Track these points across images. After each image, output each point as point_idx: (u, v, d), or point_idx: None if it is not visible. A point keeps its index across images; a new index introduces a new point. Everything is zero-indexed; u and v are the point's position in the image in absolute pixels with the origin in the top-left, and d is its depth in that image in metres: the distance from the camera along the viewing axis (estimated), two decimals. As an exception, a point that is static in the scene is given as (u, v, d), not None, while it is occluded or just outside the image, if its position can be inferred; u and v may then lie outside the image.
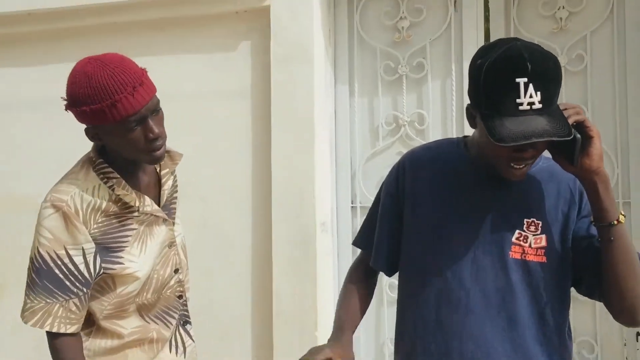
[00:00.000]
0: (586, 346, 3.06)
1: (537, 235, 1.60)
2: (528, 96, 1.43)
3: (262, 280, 3.36)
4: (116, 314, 1.83)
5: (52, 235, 1.68)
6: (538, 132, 1.42)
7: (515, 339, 1.60)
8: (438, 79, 3.31)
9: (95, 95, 1.63)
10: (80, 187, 1.73)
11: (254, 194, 3.40)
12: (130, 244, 1.78)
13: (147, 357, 1.89)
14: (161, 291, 1.91)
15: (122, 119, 1.64)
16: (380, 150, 3.39)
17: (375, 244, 1.79)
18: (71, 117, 3.77)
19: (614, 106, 3.08)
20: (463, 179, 1.67)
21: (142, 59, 3.50)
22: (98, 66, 1.67)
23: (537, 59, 1.45)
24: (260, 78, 3.37)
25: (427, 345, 1.65)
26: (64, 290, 1.70)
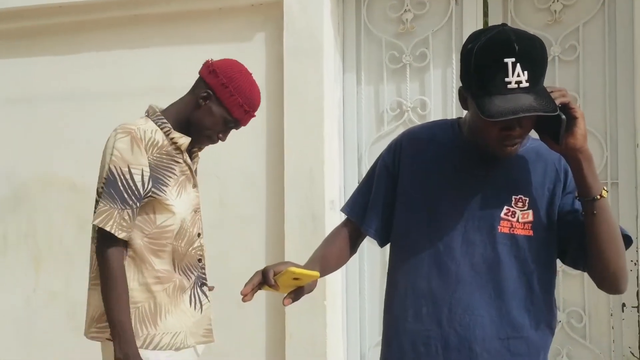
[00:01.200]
0: (575, 316, 3.08)
1: (524, 210, 1.61)
2: (516, 75, 1.43)
3: (275, 254, 3.38)
4: (153, 249, 2.01)
5: (120, 154, 1.94)
6: (525, 107, 1.42)
7: (501, 306, 1.60)
8: (439, 67, 3.32)
9: (245, 94, 2.06)
10: (142, 126, 2.01)
11: (268, 174, 3.42)
12: (171, 184, 2.03)
13: (170, 302, 2.03)
14: (190, 246, 2.08)
15: (232, 115, 2.07)
16: (385, 134, 3.40)
17: (369, 208, 1.77)
18: (101, 103, 3.80)
19: (604, 93, 3.08)
20: (456, 158, 1.67)
21: (161, 49, 3.59)
22: (255, 83, 2.14)
23: (523, 41, 1.45)
24: (274, 66, 3.39)
25: (419, 310, 1.65)
26: (122, 201, 1.93)
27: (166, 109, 2.12)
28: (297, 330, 3.29)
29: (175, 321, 2.04)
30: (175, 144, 2.06)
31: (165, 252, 2.03)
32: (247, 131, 3.39)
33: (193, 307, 2.10)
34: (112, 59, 3.71)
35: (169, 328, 2.03)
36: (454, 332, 1.61)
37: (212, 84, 2.06)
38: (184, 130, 2.08)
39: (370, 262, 3.41)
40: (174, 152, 2.06)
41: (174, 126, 2.07)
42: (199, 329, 2.12)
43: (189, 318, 2.08)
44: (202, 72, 2.10)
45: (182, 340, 2.06)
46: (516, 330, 1.61)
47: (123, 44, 3.68)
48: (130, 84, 3.65)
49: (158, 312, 2.01)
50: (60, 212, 3.81)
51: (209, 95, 2.06)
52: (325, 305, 3.25)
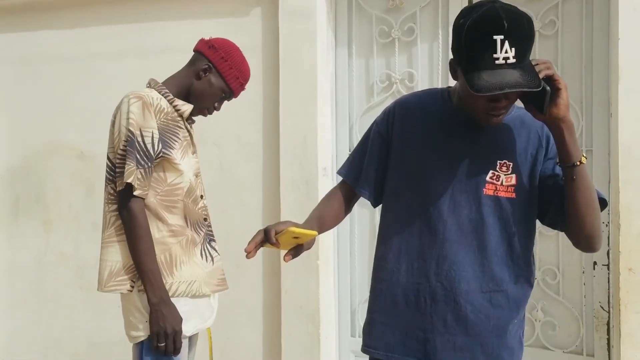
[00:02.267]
0: (549, 274, 3.12)
1: (508, 174, 1.63)
2: (504, 52, 1.44)
3: (271, 217, 3.41)
4: (167, 206, 2.07)
5: (135, 117, 2.00)
6: (511, 83, 1.43)
7: (484, 262, 1.64)
8: (426, 42, 3.31)
9: (241, 68, 2.17)
10: (148, 94, 2.07)
11: (264, 141, 3.44)
12: (177, 148, 2.09)
13: (183, 253, 2.08)
14: (195, 205, 2.14)
15: (229, 86, 2.17)
16: (374, 104, 3.41)
17: (364, 171, 1.79)
18: (105, 74, 3.80)
19: (581, 66, 3.06)
20: (445, 125, 1.69)
21: (160, 23, 3.58)
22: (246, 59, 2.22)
23: (512, 18, 1.46)
24: (270, 39, 3.38)
25: (410, 265, 1.70)
26: (136, 161, 1.99)
27: (165, 81, 2.17)
28: (291, 288, 3.33)
29: (189, 270, 2.09)
30: (178, 111, 2.13)
31: (177, 209, 2.08)
32: (245, 101, 3.40)
33: (205, 259, 2.15)
34: (117, 32, 3.69)
35: (184, 277, 2.07)
36: (441, 285, 1.66)
37: (212, 57, 2.14)
38: (183, 100, 2.16)
39: (360, 225, 3.44)
40: (177, 118, 2.13)
41: (175, 96, 2.14)
42: (213, 279, 2.17)
43: (201, 269, 2.13)
44: (201, 47, 2.17)
45: (198, 288, 2.10)
46: (497, 284, 1.65)
47: (128, 17, 3.66)
48: (134, 56, 3.65)
49: (174, 262, 2.06)
50: (68, 178, 3.82)
51: (209, 67, 2.13)
52: (318, 264, 3.30)
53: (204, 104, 2.17)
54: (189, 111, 2.15)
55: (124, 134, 2.01)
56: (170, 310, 1.98)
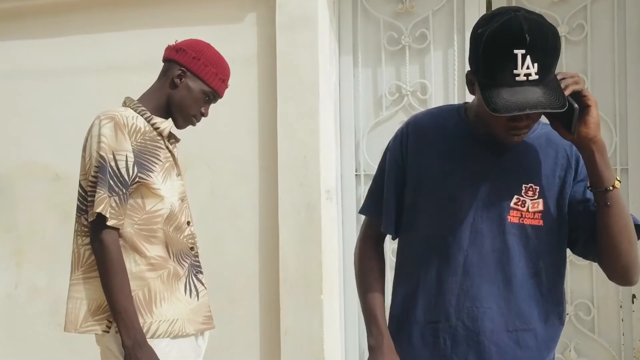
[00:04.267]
0: (583, 308, 3.09)
1: (534, 199, 1.63)
2: (525, 67, 1.44)
3: (269, 246, 3.40)
4: (145, 236, 2.08)
5: (106, 140, 2.02)
6: (532, 103, 1.43)
7: (509, 298, 1.63)
8: (440, 49, 3.31)
9: (217, 63, 2.18)
10: (122, 113, 2.08)
11: (261, 162, 3.43)
12: (157, 170, 2.11)
13: (165, 289, 2.09)
14: (179, 234, 2.16)
15: (210, 86, 2.18)
16: (383, 119, 3.40)
17: (385, 209, 1.79)
18: (83, 89, 3.79)
19: (613, 75, 3.08)
20: (463, 145, 1.68)
21: (150, 31, 3.58)
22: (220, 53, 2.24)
23: (535, 30, 1.45)
24: (266, 48, 3.39)
25: (428, 301, 1.69)
26: (109, 187, 2.00)
27: (141, 98, 2.20)
28: (292, 327, 3.30)
29: (171, 308, 2.09)
30: (157, 130, 2.15)
31: (157, 238, 2.10)
32: (239, 117, 3.47)
33: (188, 294, 2.15)
34: (97, 42, 3.69)
35: (165, 315, 2.08)
36: (462, 324, 1.64)
37: (183, 61, 2.17)
38: (164, 115, 2.18)
39: None
40: (156, 137, 2.15)
41: (153, 113, 2.16)
42: (198, 316, 2.17)
43: (184, 305, 2.13)
44: (169, 54, 2.22)
45: (180, 327, 2.10)
46: (525, 323, 1.64)
47: (109, 25, 3.66)
48: (117, 68, 3.64)
49: (153, 299, 2.06)
50: (42, 203, 3.80)
51: (183, 72, 2.16)
52: (322, 299, 3.27)
53: (188, 112, 2.19)
54: (169, 129, 2.17)
55: (95, 159, 2.02)
56: (145, 354, 1.97)
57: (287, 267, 3.30)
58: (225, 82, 2.22)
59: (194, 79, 2.16)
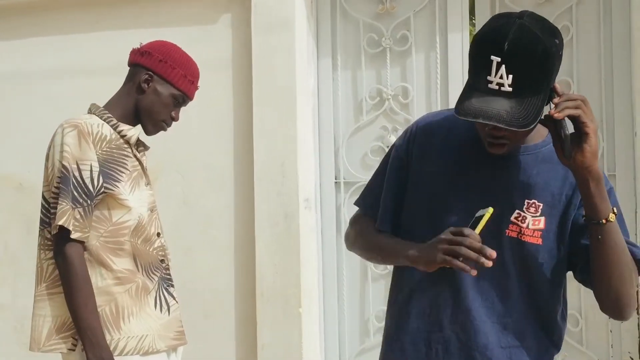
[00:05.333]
0: (571, 320, 3.10)
1: (536, 217, 1.62)
2: (498, 76, 1.44)
3: (245, 257, 3.39)
4: (112, 248, 2.07)
5: (69, 149, 2.01)
6: (489, 114, 1.44)
7: (504, 314, 1.64)
8: (422, 51, 3.33)
9: (184, 65, 2.18)
10: (87, 121, 2.08)
11: (236, 169, 3.42)
12: (124, 180, 2.10)
13: (133, 304, 2.08)
14: (149, 246, 2.15)
15: (179, 89, 2.17)
16: (364, 124, 3.41)
17: (382, 206, 1.79)
18: (48, 94, 3.74)
19: (600, 79, 3.10)
20: (470, 153, 1.68)
21: (121, 32, 3.56)
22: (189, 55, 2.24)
23: (521, 41, 1.44)
24: (241, 51, 3.39)
25: (422, 310, 1.69)
26: (73, 199, 2.00)
27: (107, 104, 2.20)
28: (270, 342, 3.29)
29: (140, 323, 2.08)
30: (124, 137, 2.14)
31: (124, 251, 2.09)
32: (213, 123, 3.46)
33: (159, 309, 2.14)
34: (65, 44, 3.67)
35: (134, 331, 2.07)
36: (456, 336, 1.65)
37: (149, 64, 2.16)
38: (132, 122, 2.18)
39: (349, 263, 3.43)
40: (123, 145, 2.14)
41: (119, 120, 2.16)
42: (169, 332, 2.16)
43: (154, 320, 2.12)
44: (134, 58, 2.21)
45: (150, 343, 2.09)
46: (518, 340, 1.64)
47: (77, 27, 3.65)
48: (86, 72, 3.62)
49: (121, 315, 2.05)
50: (5, 213, 3.77)
51: (150, 76, 2.15)
52: (300, 312, 3.27)
53: (158, 117, 2.18)
54: (136, 136, 2.17)
55: (57, 169, 2.02)
56: None
57: (264, 279, 3.29)
58: (194, 84, 2.22)
59: (162, 83, 2.15)
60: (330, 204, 3.45)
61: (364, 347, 3.41)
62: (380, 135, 3.39)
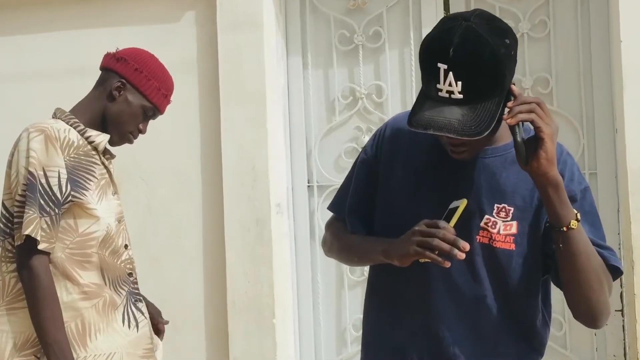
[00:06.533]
0: (554, 324, 3.09)
1: (507, 221, 1.62)
2: (447, 84, 1.45)
3: (214, 266, 3.39)
4: (78, 261, 2.05)
5: (36, 155, 1.99)
6: (439, 124, 1.45)
7: (477, 322, 1.65)
8: (396, 48, 3.35)
9: (160, 77, 2.18)
10: (53, 126, 2.05)
11: (203, 174, 3.41)
12: (92, 188, 2.08)
13: (100, 320, 2.07)
14: (116, 258, 2.14)
15: (151, 101, 2.16)
16: (337, 125, 3.43)
17: (348, 211, 1.82)
18: (3, 97, 3.65)
19: (578, 73, 3.14)
20: (438, 156, 1.68)
21: (76, 32, 3.52)
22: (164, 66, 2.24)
23: (467, 45, 1.45)
24: (207, 51, 3.39)
25: (396, 319, 1.71)
26: (39, 207, 1.97)
27: (74, 109, 2.18)
28: (243, 355, 3.29)
29: (107, 340, 2.07)
30: (91, 144, 2.13)
31: (92, 263, 2.07)
32: (178, 126, 3.43)
33: (127, 325, 2.12)
34: (20, 45, 3.63)
35: (101, 349, 2.05)
36: (428, 346, 1.67)
37: (124, 72, 2.15)
38: (98, 129, 2.17)
39: (324, 271, 3.44)
40: (91, 152, 2.13)
41: (86, 126, 2.14)
42: (137, 349, 2.14)
43: (122, 337, 2.10)
44: (108, 63, 2.19)
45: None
46: (493, 348, 1.65)
47: (33, 27, 3.61)
48: (43, 74, 3.58)
49: (87, 332, 2.04)
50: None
51: (123, 84, 2.14)
52: (274, 323, 3.26)
53: (125, 128, 2.17)
54: (104, 142, 2.15)
55: (22, 175, 1.99)
56: None
57: (235, 289, 3.29)
58: (167, 98, 2.21)
59: (134, 93, 2.14)
60: (303, 208, 3.46)
61: (341, 357, 3.43)
62: (354, 136, 3.41)
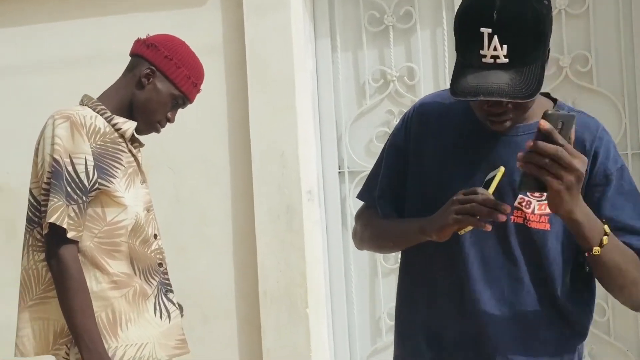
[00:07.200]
0: (597, 310, 3.07)
1: (541, 201, 1.62)
2: (492, 49, 1.46)
3: (245, 256, 3.41)
4: (107, 250, 2.07)
5: (61, 142, 2.01)
6: (490, 89, 1.45)
7: (515, 304, 1.66)
8: (427, 28, 3.35)
9: (190, 65, 2.19)
10: (79, 112, 2.08)
11: (232, 161, 3.44)
12: (119, 176, 2.10)
13: (131, 310, 2.09)
14: (147, 248, 2.17)
15: (181, 90, 2.17)
16: (367, 109, 3.43)
17: (380, 195, 1.83)
18: (26, 88, 3.71)
19: (619, 51, 3.11)
20: (469, 136, 1.70)
21: (103, 19, 3.54)
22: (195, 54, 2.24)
23: (510, 7, 1.47)
24: (233, 35, 3.40)
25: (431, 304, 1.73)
26: (66, 195, 1.99)
27: (101, 96, 2.20)
28: (275, 345, 3.32)
29: (139, 330, 2.10)
30: (118, 131, 2.15)
31: (121, 252, 2.09)
32: (205, 114, 3.43)
33: (159, 316, 2.15)
34: (43, 33, 3.66)
35: (133, 339, 2.08)
36: (466, 329, 1.68)
37: (154, 59, 2.16)
38: (126, 117, 2.19)
39: (356, 260, 3.45)
40: (118, 140, 2.15)
41: (114, 113, 2.17)
42: (169, 340, 2.17)
43: (154, 328, 2.13)
44: (138, 49, 2.21)
45: (151, 352, 2.10)
46: (532, 330, 1.67)
47: (56, 14, 3.65)
48: (66, 62, 3.62)
49: (118, 322, 2.06)
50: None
51: (152, 71, 2.16)
52: (307, 313, 3.29)
53: (153, 117, 2.19)
54: (131, 130, 2.16)
55: (48, 163, 2.01)
56: None
57: (267, 278, 3.31)
58: (197, 87, 2.22)
59: (163, 80, 2.16)
60: (334, 195, 3.48)
61: (376, 347, 3.44)
62: (385, 120, 3.41)
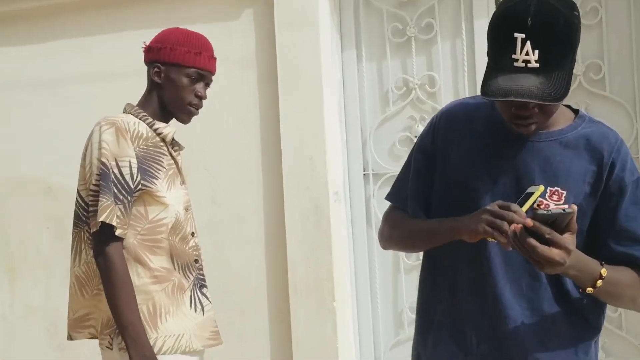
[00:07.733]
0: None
1: (559, 205, 1.59)
2: (524, 53, 1.48)
3: (276, 253, 3.47)
4: (149, 246, 2.14)
5: (108, 146, 2.08)
6: (520, 91, 1.47)
7: (534, 300, 1.67)
8: (448, 39, 3.38)
9: (185, 42, 2.19)
10: (123, 119, 2.15)
11: (264, 165, 3.50)
12: (161, 177, 2.17)
13: (170, 303, 2.15)
14: (185, 244, 2.22)
15: (194, 67, 2.19)
16: (390, 115, 3.48)
17: (410, 196, 1.83)
18: (74, 97, 3.81)
19: (631, 59, 3.11)
20: (493, 141, 1.70)
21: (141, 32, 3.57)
22: (191, 31, 2.25)
23: (543, 15, 1.48)
24: (265, 46, 3.46)
25: (454, 300, 1.75)
26: (114, 196, 2.06)
27: (139, 104, 2.27)
28: (304, 336, 3.37)
29: (177, 322, 2.15)
30: (160, 135, 2.22)
31: (162, 249, 2.16)
32: (239, 120, 3.48)
33: (194, 309, 2.20)
34: (88, 46, 3.75)
35: (171, 330, 2.13)
36: (487, 324, 1.70)
37: (153, 57, 2.23)
38: (163, 119, 2.25)
39: (380, 258, 3.48)
40: (159, 144, 2.21)
41: (153, 118, 2.23)
42: (204, 331, 2.21)
43: (190, 320, 2.18)
44: (144, 58, 2.28)
45: (187, 342, 2.15)
46: (549, 325, 1.68)
47: (99, 28, 3.72)
48: (110, 74, 3.69)
49: (158, 314, 2.12)
50: (34, 218, 3.86)
51: (158, 67, 2.22)
52: (334, 307, 3.34)
53: (182, 102, 2.22)
54: (172, 134, 2.24)
55: (96, 166, 2.08)
56: None
57: (296, 274, 3.38)
58: (202, 54, 2.21)
59: (170, 68, 2.20)
60: (359, 196, 3.51)
61: (398, 339, 3.47)
62: (407, 125, 3.44)
